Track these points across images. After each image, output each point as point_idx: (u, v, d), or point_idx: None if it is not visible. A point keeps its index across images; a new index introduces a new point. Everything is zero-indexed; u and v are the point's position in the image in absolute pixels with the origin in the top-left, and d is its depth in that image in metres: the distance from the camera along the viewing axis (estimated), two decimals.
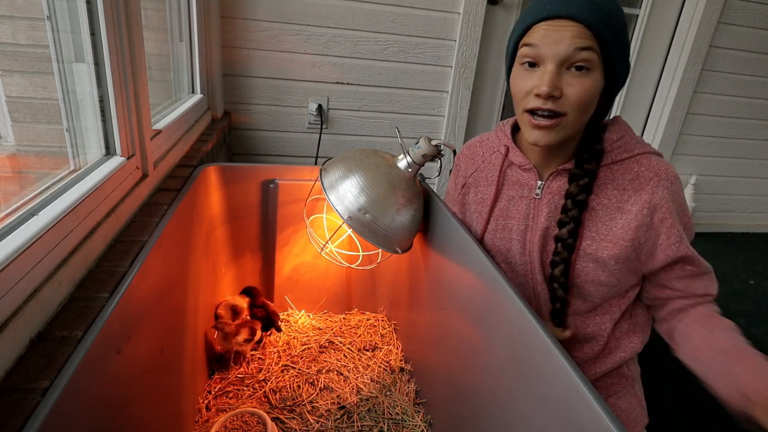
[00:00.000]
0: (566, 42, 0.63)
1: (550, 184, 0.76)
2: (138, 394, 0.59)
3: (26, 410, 0.39)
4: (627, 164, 0.72)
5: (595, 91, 0.66)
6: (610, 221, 0.72)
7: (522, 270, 0.81)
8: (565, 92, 0.65)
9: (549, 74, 0.64)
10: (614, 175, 0.73)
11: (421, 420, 0.91)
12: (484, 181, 0.85)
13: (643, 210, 0.70)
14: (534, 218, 0.78)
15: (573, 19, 0.63)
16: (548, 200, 0.76)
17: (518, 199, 0.80)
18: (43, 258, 0.51)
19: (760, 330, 1.62)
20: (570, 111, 0.66)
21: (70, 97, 0.73)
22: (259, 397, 0.94)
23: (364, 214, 0.82)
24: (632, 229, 0.70)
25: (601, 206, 0.73)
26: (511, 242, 0.81)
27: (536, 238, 0.77)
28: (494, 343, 0.65)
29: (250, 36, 1.65)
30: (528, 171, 0.78)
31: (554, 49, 0.64)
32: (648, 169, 0.71)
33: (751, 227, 2.52)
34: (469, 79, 1.84)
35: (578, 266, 0.74)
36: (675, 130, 2.14)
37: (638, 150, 0.73)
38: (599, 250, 0.72)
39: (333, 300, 1.24)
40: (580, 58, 0.63)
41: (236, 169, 1.07)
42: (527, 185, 0.79)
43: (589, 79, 0.65)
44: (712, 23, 1.96)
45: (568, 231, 0.73)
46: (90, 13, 0.71)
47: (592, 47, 0.63)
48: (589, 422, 0.44)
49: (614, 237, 0.71)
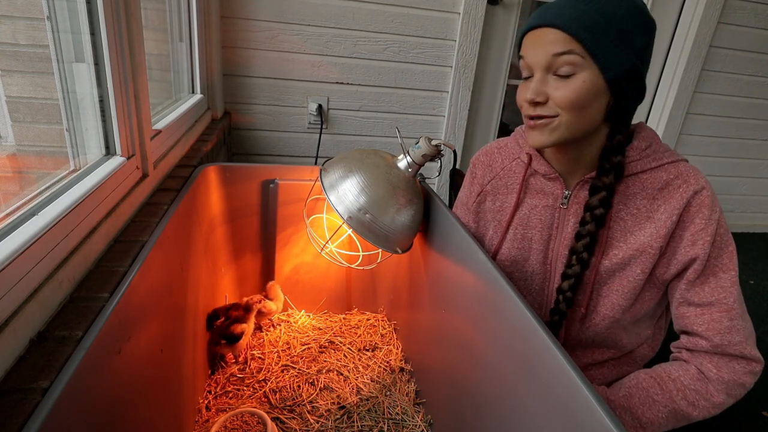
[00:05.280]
0: (543, 49, 0.66)
1: (577, 193, 0.75)
2: (138, 394, 0.59)
3: (26, 410, 0.39)
4: (656, 173, 0.71)
5: (584, 91, 0.65)
6: (640, 231, 0.71)
7: (540, 279, 0.80)
8: (551, 96, 0.67)
9: (534, 82, 0.67)
10: (644, 185, 0.72)
11: (421, 420, 0.91)
12: (503, 189, 0.84)
13: (672, 217, 0.69)
14: (559, 228, 0.77)
15: (550, 26, 0.65)
16: (575, 210, 0.75)
17: (541, 208, 0.79)
18: (43, 258, 0.51)
19: (760, 330, 1.62)
20: (561, 112, 0.67)
21: (70, 97, 0.73)
22: (259, 397, 0.94)
23: (364, 214, 0.82)
24: (661, 237, 0.69)
25: (630, 216, 0.72)
26: (531, 252, 0.80)
27: (562, 248, 0.77)
28: (494, 342, 0.65)
29: (250, 36, 1.65)
30: (554, 180, 0.77)
31: (536, 58, 0.67)
32: (677, 176, 0.70)
33: (751, 227, 2.52)
34: (469, 79, 1.84)
35: (604, 276, 0.73)
36: (675, 130, 2.14)
37: (667, 159, 0.71)
38: (626, 258, 0.72)
39: (333, 300, 1.24)
40: (561, 63, 0.65)
41: (236, 169, 1.07)
42: (552, 194, 0.78)
43: (574, 81, 0.65)
44: (712, 23, 1.96)
45: (584, 245, 0.72)
46: (90, 13, 0.71)
47: (572, 50, 0.64)
48: (589, 422, 0.44)
49: (642, 245, 0.71)
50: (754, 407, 1.28)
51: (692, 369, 0.68)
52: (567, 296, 0.75)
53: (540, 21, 0.66)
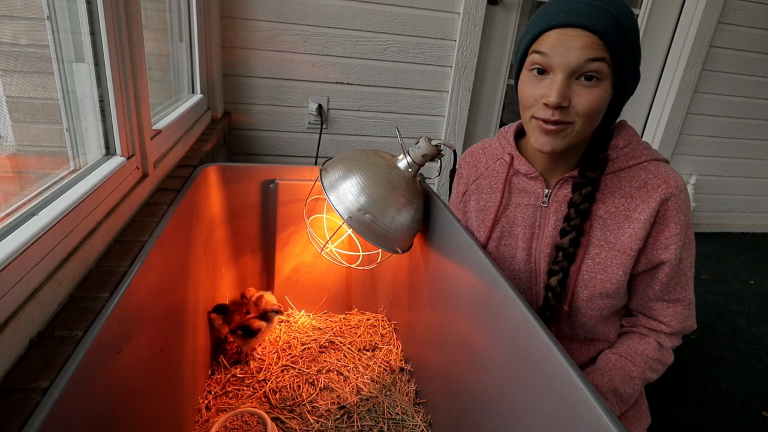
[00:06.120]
0: (577, 52, 0.62)
1: (557, 192, 0.76)
2: (138, 394, 0.59)
3: (26, 410, 0.39)
4: (634, 171, 0.72)
5: (603, 101, 0.65)
6: (618, 230, 0.72)
7: (526, 277, 0.81)
8: (573, 102, 0.64)
9: (558, 84, 0.63)
10: (621, 183, 0.72)
11: (421, 420, 0.91)
12: (487, 188, 0.85)
13: (651, 219, 0.69)
14: (541, 226, 0.78)
15: (585, 28, 0.61)
16: (555, 209, 0.76)
17: (524, 207, 0.79)
18: (43, 258, 0.51)
19: (760, 330, 1.62)
20: (578, 120, 0.65)
21: (70, 97, 0.73)
22: (259, 397, 0.94)
23: (364, 214, 0.82)
24: (639, 239, 0.70)
25: (608, 215, 0.72)
26: (516, 249, 0.81)
27: (544, 246, 0.77)
28: (494, 343, 0.65)
29: (250, 36, 1.65)
30: (534, 179, 0.78)
31: (565, 59, 0.63)
32: (656, 176, 0.70)
33: (751, 227, 2.52)
34: (469, 79, 1.84)
35: (586, 277, 0.74)
36: (675, 130, 2.14)
37: (645, 157, 0.72)
38: (608, 259, 0.72)
39: (333, 300, 1.24)
40: (591, 69, 0.62)
41: (236, 169, 1.07)
42: (534, 193, 0.78)
43: (598, 90, 0.64)
44: (712, 23, 1.96)
45: (570, 240, 0.73)
46: (90, 13, 0.71)
47: (604, 58, 0.62)
48: (589, 423, 0.44)
49: (622, 246, 0.71)
50: (754, 407, 1.29)
51: (652, 342, 0.77)
52: (556, 292, 0.75)
53: (573, 20, 0.62)
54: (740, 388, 1.35)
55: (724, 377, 1.39)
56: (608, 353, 0.78)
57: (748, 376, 1.40)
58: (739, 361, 1.47)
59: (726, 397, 1.32)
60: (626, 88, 0.68)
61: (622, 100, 0.70)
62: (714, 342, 1.55)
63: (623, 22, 0.62)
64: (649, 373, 0.75)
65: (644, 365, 0.75)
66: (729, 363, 1.46)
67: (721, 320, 1.67)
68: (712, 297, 1.83)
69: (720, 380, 1.38)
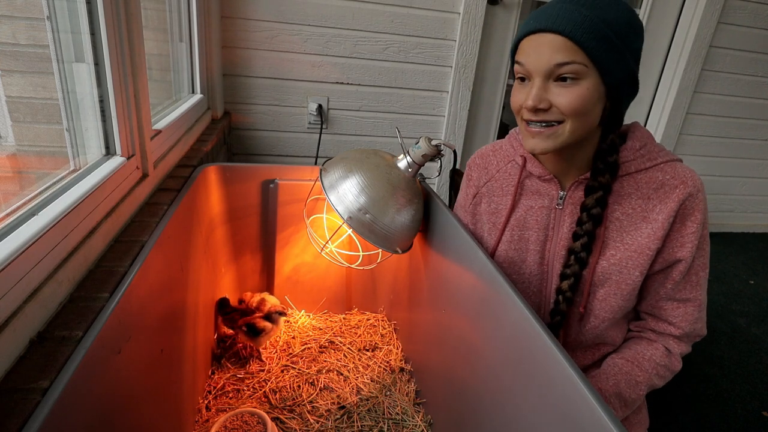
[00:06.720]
0: (546, 56, 0.64)
1: (572, 194, 0.75)
2: (138, 394, 0.59)
3: (26, 410, 0.39)
4: (651, 173, 0.72)
5: (587, 98, 0.65)
6: (635, 231, 0.72)
7: (537, 280, 0.80)
8: (554, 102, 0.65)
9: (535, 88, 0.66)
10: (638, 185, 0.72)
11: (421, 420, 0.91)
12: (498, 191, 0.84)
13: (670, 219, 0.69)
14: (555, 228, 0.77)
15: (554, 31, 0.63)
16: (571, 211, 0.75)
17: (537, 209, 0.79)
18: (43, 258, 0.51)
19: (760, 330, 1.62)
20: (566, 119, 0.66)
21: (70, 97, 0.73)
22: (259, 397, 0.94)
23: (364, 214, 0.82)
24: (658, 239, 0.70)
25: (625, 216, 0.72)
26: (528, 252, 0.80)
27: (559, 248, 0.77)
28: (494, 343, 0.65)
29: (250, 36, 1.65)
30: (548, 182, 0.77)
31: (537, 64, 0.65)
32: (673, 177, 0.70)
33: (751, 227, 2.52)
34: (469, 79, 1.84)
35: (601, 277, 0.74)
36: (675, 130, 2.14)
37: (661, 158, 0.72)
38: (624, 259, 0.72)
39: (333, 300, 1.24)
40: (563, 72, 0.64)
41: (236, 169, 1.07)
42: (548, 195, 0.78)
43: (578, 88, 0.64)
44: (712, 23, 1.96)
45: (582, 245, 0.73)
46: (90, 13, 0.71)
47: (575, 60, 0.63)
48: (589, 423, 0.44)
49: (639, 246, 0.71)
50: (754, 407, 1.29)
51: (660, 347, 0.76)
52: (567, 296, 0.75)
53: (541, 25, 0.64)
54: (740, 388, 1.35)
55: (724, 377, 1.39)
56: (614, 357, 0.77)
57: (748, 376, 1.40)
58: (739, 361, 1.47)
59: (726, 397, 1.32)
60: (618, 84, 0.66)
61: (620, 98, 0.69)
62: (714, 342, 1.55)
63: (603, 17, 0.62)
64: (656, 379, 0.74)
65: (651, 371, 0.74)
66: (729, 363, 1.46)
67: (721, 320, 1.67)
68: (712, 297, 1.82)
69: (720, 380, 1.38)
